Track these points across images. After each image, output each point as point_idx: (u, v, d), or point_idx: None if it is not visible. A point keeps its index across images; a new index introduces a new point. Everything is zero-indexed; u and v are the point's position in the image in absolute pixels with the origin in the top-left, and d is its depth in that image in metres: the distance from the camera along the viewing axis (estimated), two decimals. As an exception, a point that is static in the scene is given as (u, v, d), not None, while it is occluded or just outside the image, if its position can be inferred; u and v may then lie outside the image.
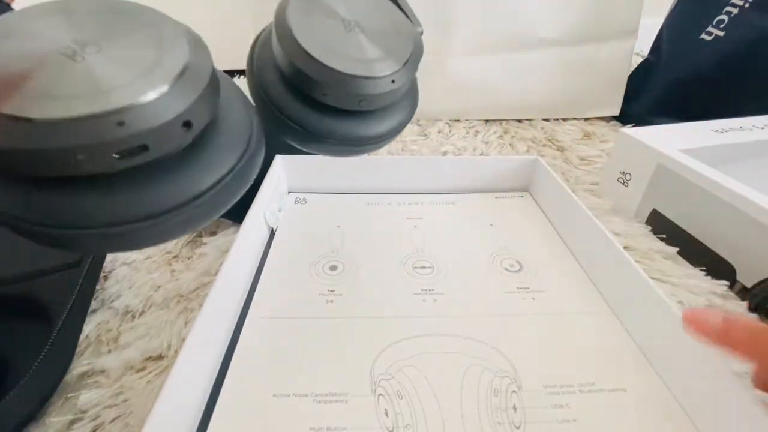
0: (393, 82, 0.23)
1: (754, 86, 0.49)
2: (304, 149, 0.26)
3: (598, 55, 0.57)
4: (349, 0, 0.24)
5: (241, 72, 0.28)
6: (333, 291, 0.29)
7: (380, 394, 0.22)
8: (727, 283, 0.31)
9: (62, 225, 0.15)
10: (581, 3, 0.54)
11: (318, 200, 0.40)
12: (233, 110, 0.19)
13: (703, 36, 0.52)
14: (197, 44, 0.17)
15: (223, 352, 0.25)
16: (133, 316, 0.29)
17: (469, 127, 0.59)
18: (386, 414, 0.21)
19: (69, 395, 0.24)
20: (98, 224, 0.15)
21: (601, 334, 0.27)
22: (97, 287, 0.31)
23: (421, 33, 0.26)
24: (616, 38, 0.57)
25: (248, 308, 0.28)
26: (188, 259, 0.35)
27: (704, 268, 0.33)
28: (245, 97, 0.21)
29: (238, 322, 0.27)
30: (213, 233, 0.37)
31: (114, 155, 0.14)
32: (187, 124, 0.15)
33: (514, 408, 0.22)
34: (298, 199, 0.40)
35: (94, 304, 0.30)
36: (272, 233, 0.35)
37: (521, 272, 0.31)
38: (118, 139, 0.14)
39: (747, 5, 0.49)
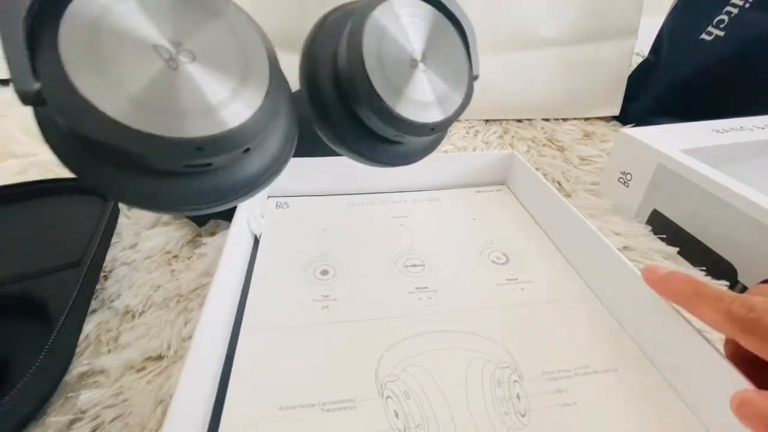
0: (432, 129, 0.23)
1: (754, 86, 0.49)
2: (328, 144, 0.26)
3: (598, 55, 0.57)
4: (420, 30, 0.23)
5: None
6: (327, 296, 0.29)
7: (388, 397, 0.22)
8: (728, 283, 0.31)
9: (130, 201, 0.17)
10: (581, 3, 0.54)
11: (300, 203, 0.39)
12: (276, 133, 0.20)
13: (703, 36, 0.52)
14: (274, 67, 0.17)
15: (220, 369, 0.24)
16: (133, 316, 0.29)
17: (469, 127, 0.59)
18: (396, 416, 0.21)
19: (69, 395, 0.24)
20: (154, 206, 0.18)
21: (587, 318, 0.28)
22: (97, 287, 0.31)
23: (476, 78, 0.26)
24: (616, 38, 0.57)
25: (241, 321, 0.27)
26: (188, 259, 0.35)
27: (704, 268, 0.33)
28: (293, 112, 0.21)
29: (232, 337, 0.26)
30: (212, 233, 0.37)
31: (182, 165, 0.16)
32: (247, 150, 0.17)
33: (518, 397, 0.23)
34: (279, 204, 0.39)
35: (94, 304, 0.30)
36: (256, 240, 0.34)
37: (508, 264, 0.32)
38: (192, 157, 0.15)
39: (747, 5, 0.49)
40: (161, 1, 0.15)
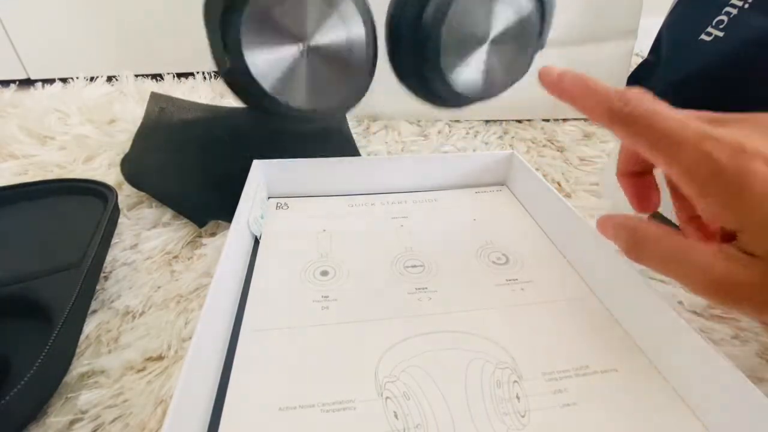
0: (470, 100, 0.28)
1: (753, 87, 0.49)
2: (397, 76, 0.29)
3: (598, 56, 0.57)
4: (506, 11, 0.26)
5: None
6: (327, 297, 0.29)
7: (387, 397, 0.22)
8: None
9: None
10: (581, 3, 0.55)
11: (300, 204, 0.39)
12: None
13: (703, 36, 0.52)
14: (370, 52, 0.26)
15: (220, 369, 0.24)
16: (133, 317, 0.29)
17: (469, 128, 0.59)
18: (396, 416, 0.21)
19: (69, 395, 0.24)
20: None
21: (588, 318, 0.28)
22: (97, 287, 0.31)
23: (542, 47, 0.29)
24: (616, 38, 0.57)
25: (241, 321, 0.27)
26: (188, 259, 0.35)
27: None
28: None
29: (232, 337, 0.26)
30: (212, 234, 0.37)
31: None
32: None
33: (518, 397, 0.23)
34: (279, 204, 0.39)
35: (94, 305, 0.30)
36: (256, 241, 0.34)
37: (508, 264, 0.32)
38: (307, 121, 0.24)
39: (746, 6, 0.49)
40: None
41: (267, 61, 0.22)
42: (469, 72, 0.25)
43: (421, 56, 0.26)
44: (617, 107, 0.17)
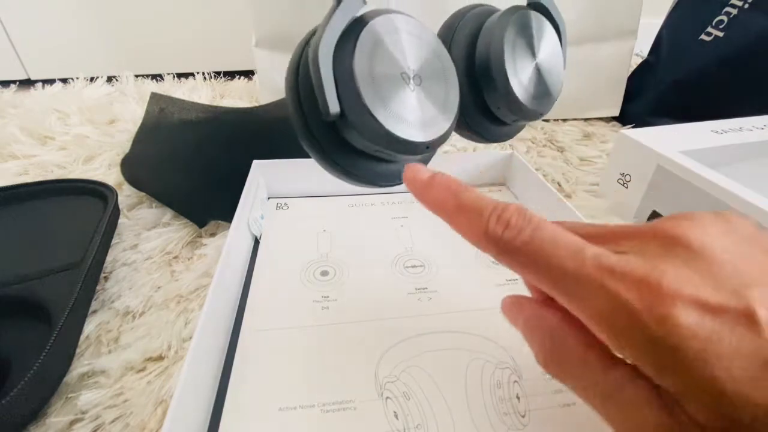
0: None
1: (753, 87, 0.49)
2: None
3: (598, 55, 0.57)
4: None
5: (241, 73, 0.28)
6: (327, 297, 0.29)
7: (387, 397, 0.22)
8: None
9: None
10: (581, 3, 0.55)
11: (300, 204, 0.39)
12: None
13: (703, 36, 0.52)
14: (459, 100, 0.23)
15: (221, 369, 0.24)
16: (134, 317, 0.29)
17: (469, 128, 0.59)
18: (396, 416, 0.21)
19: (69, 395, 0.24)
20: (378, 183, 0.24)
21: None
22: (97, 287, 0.31)
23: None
24: (616, 38, 0.57)
25: (241, 321, 0.27)
26: (188, 260, 0.35)
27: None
28: None
29: (232, 337, 0.26)
30: (213, 234, 0.37)
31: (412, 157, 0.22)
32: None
33: (518, 397, 0.23)
34: (279, 205, 0.39)
35: (94, 305, 0.30)
36: (256, 242, 0.34)
37: None
38: (422, 153, 0.21)
39: (746, 6, 0.49)
40: (404, 40, 0.20)
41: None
42: (529, 88, 0.27)
43: (487, 90, 0.26)
44: (494, 232, 0.14)
